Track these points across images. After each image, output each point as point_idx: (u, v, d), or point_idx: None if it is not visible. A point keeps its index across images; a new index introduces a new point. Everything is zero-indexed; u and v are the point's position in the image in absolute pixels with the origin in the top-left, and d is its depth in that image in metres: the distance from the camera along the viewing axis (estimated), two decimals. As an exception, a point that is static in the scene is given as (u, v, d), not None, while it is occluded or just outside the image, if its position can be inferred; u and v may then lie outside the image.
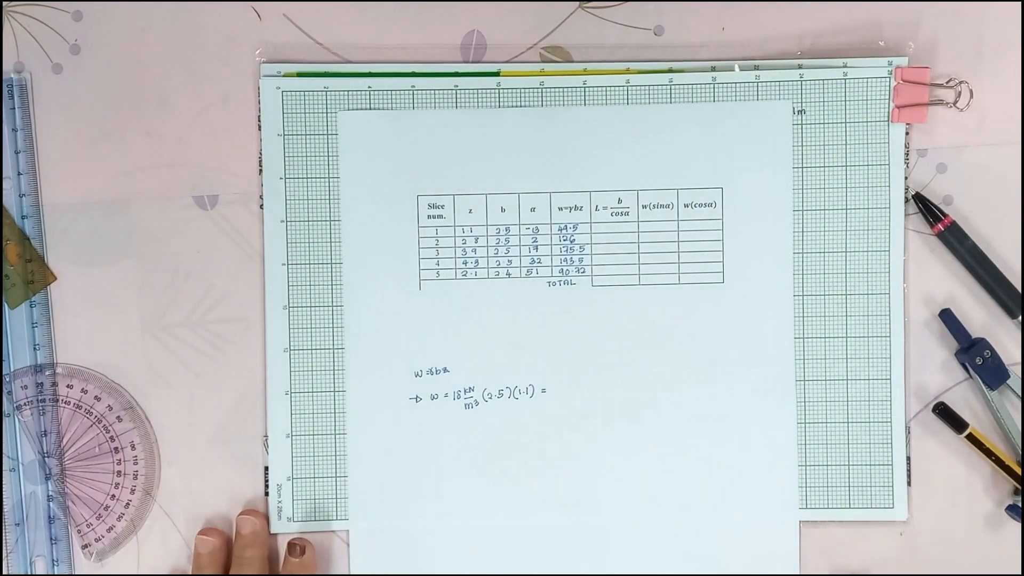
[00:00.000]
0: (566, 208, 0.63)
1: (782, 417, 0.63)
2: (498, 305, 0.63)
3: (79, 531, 0.63)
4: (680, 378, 0.63)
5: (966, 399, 0.63)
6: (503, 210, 0.63)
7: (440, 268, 0.63)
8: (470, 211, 0.63)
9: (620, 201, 0.63)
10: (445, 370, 0.63)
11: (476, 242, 0.63)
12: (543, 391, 0.63)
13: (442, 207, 0.63)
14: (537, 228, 0.63)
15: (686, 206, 0.63)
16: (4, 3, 0.62)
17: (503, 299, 0.63)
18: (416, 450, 0.63)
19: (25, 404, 0.62)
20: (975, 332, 0.63)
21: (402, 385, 0.63)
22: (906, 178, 0.63)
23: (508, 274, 0.63)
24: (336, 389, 0.63)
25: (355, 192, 0.63)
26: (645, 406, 0.63)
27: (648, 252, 0.63)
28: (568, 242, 0.63)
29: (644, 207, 0.63)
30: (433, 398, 0.63)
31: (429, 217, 0.63)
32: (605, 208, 0.63)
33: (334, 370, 0.63)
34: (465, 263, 0.63)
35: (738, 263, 0.63)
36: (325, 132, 0.63)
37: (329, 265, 0.63)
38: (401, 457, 0.63)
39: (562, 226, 0.63)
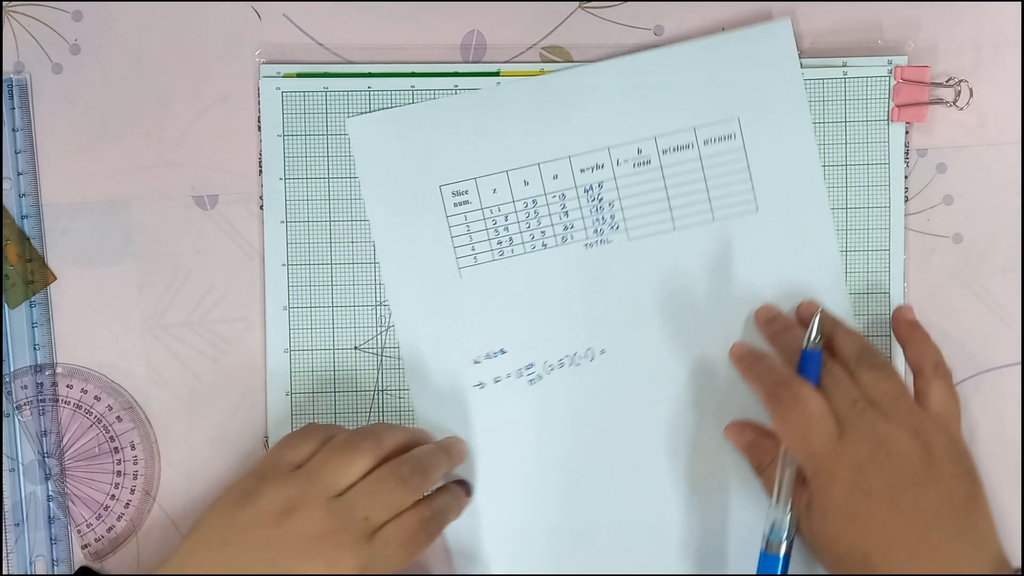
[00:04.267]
0: (588, 168, 0.63)
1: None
2: (540, 277, 0.63)
3: (79, 531, 0.63)
4: (732, 312, 0.62)
5: (966, 398, 0.63)
6: (526, 183, 0.63)
7: (476, 253, 0.63)
8: (494, 191, 0.63)
9: (640, 151, 0.63)
10: (502, 351, 0.63)
11: (506, 220, 0.63)
12: (602, 352, 0.63)
13: (466, 192, 0.63)
14: (563, 194, 0.63)
15: (706, 143, 0.62)
16: (4, 3, 0.62)
17: (544, 270, 0.63)
18: (488, 435, 0.63)
19: (25, 404, 0.62)
20: (974, 331, 0.63)
21: (463, 375, 0.63)
22: (906, 177, 0.63)
23: (544, 245, 0.63)
24: (337, 390, 0.63)
25: (378, 195, 0.63)
26: (705, 344, 0.62)
27: (678, 196, 0.63)
28: (596, 201, 0.63)
29: (664, 152, 0.62)
30: (496, 381, 0.63)
31: (455, 205, 0.63)
32: (626, 161, 0.63)
33: (334, 371, 0.63)
34: (500, 243, 0.63)
35: (769, 187, 0.62)
36: (325, 133, 0.63)
37: (329, 266, 0.63)
38: (476, 445, 0.63)
39: (587, 187, 0.63)
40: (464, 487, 0.62)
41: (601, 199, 0.63)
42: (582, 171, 0.63)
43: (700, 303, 0.62)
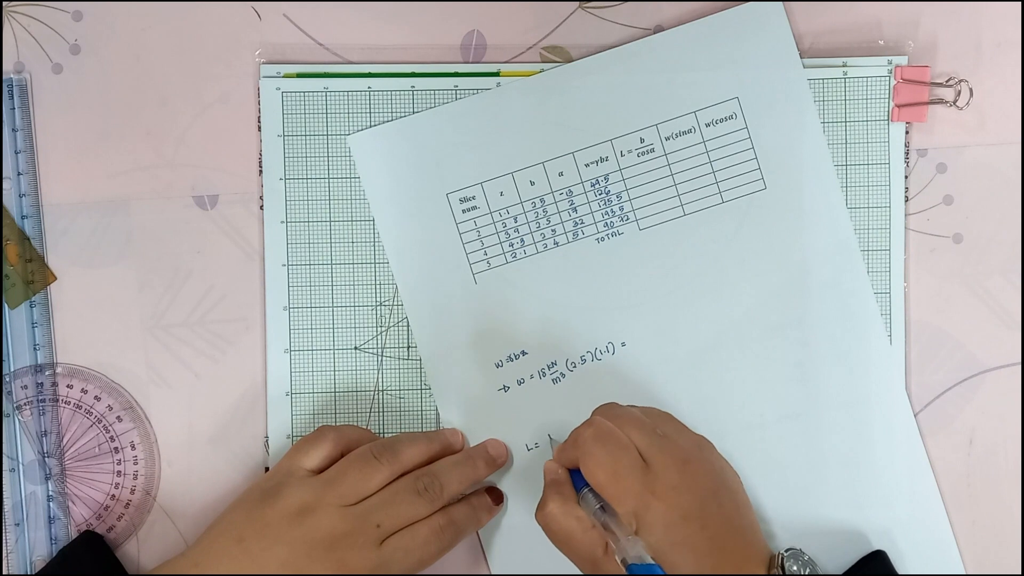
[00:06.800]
0: (592, 163, 0.63)
1: (861, 304, 0.63)
2: (555, 275, 0.63)
3: (79, 531, 0.62)
4: (749, 291, 0.63)
5: (966, 398, 0.63)
6: (533, 183, 0.63)
7: (489, 257, 0.63)
8: (501, 194, 0.63)
9: (642, 140, 0.63)
10: (523, 353, 0.63)
11: (516, 222, 0.63)
12: (623, 344, 0.63)
13: (473, 198, 0.63)
14: (570, 191, 0.63)
15: (707, 125, 0.63)
16: (4, 3, 0.62)
17: (558, 268, 0.63)
18: (517, 437, 0.63)
19: (25, 404, 0.62)
20: (974, 331, 0.63)
21: (487, 379, 0.63)
22: (906, 177, 0.63)
23: (555, 243, 0.63)
24: (337, 390, 0.63)
25: (386, 210, 0.63)
26: (727, 326, 0.63)
27: (684, 181, 0.63)
28: (604, 195, 0.63)
29: (667, 139, 0.63)
30: (520, 383, 0.63)
31: (464, 211, 0.63)
32: (630, 151, 0.63)
33: (334, 371, 0.63)
34: (511, 245, 0.63)
35: (775, 164, 0.63)
36: (325, 133, 0.63)
37: (329, 266, 0.63)
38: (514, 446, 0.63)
39: (594, 181, 0.63)
40: (495, 495, 0.62)
41: (608, 192, 0.63)
42: (587, 166, 0.63)
43: (715, 286, 0.63)
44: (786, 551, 0.54)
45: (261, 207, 0.63)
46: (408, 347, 0.63)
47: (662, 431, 0.56)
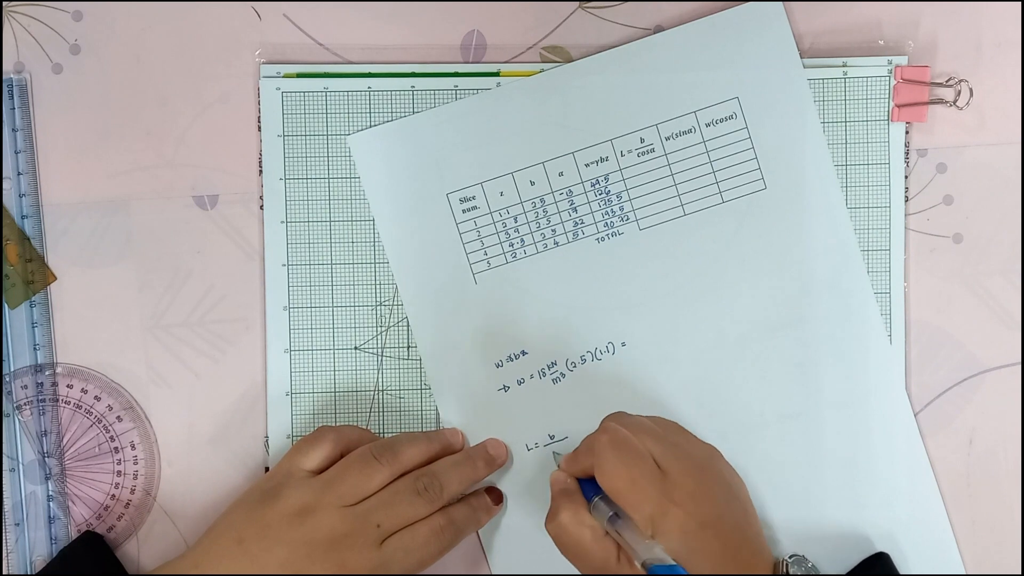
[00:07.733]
0: (592, 163, 0.63)
1: (861, 304, 0.63)
2: (555, 275, 0.63)
3: (79, 531, 0.62)
4: (749, 291, 0.63)
5: (966, 398, 0.63)
6: (533, 183, 0.63)
7: (489, 257, 0.63)
8: (501, 194, 0.63)
9: (643, 140, 0.63)
10: (524, 353, 0.63)
11: (516, 222, 0.63)
12: (623, 344, 0.63)
13: (473, 198, 0.63)
14: (571, 191, 0.63)
15: (708, 125, 0.63)
16: (4, 3, 0.62)
17: (558, 268, 0.63)
18: (517, 437, 0.63)
19: (25, 404, 0.62)
20: (974, 331, 0.63)
21: (487, 379, 0.63)
22: (906, 177, 0.63)
23: (556, 243, 0.63)
24: (337, 390, 0.63)
25: (386, 210, 0.63)
26: (727, 326, 0.63)
27: (684, 181, 0.63)
28: (604, 195, 0.63)
29: (667, 139, 0.63)
30: (520, 383, 0.63)
31: (464, 211, 0.63)
32: (630, 151, 0.63)
33: (334, 371, 0.63)
34: (511, 245, 0.63)
35: (776, 164, 0.63)
36: (325, 133, 0.63)
37: (329, 266, 0.63)
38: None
39: (594, 181, 0.63)
40: (494, 496, 0.62)
41: (608, 192, 0.63)
42: (587, 165, 0.63)
43: (715, 286, 0.63)
44: (790, 557, 0.54)
45: (261, 207, 0.63)
46: (408, 347, 0.64)
47: (673, 440, 0.56)
